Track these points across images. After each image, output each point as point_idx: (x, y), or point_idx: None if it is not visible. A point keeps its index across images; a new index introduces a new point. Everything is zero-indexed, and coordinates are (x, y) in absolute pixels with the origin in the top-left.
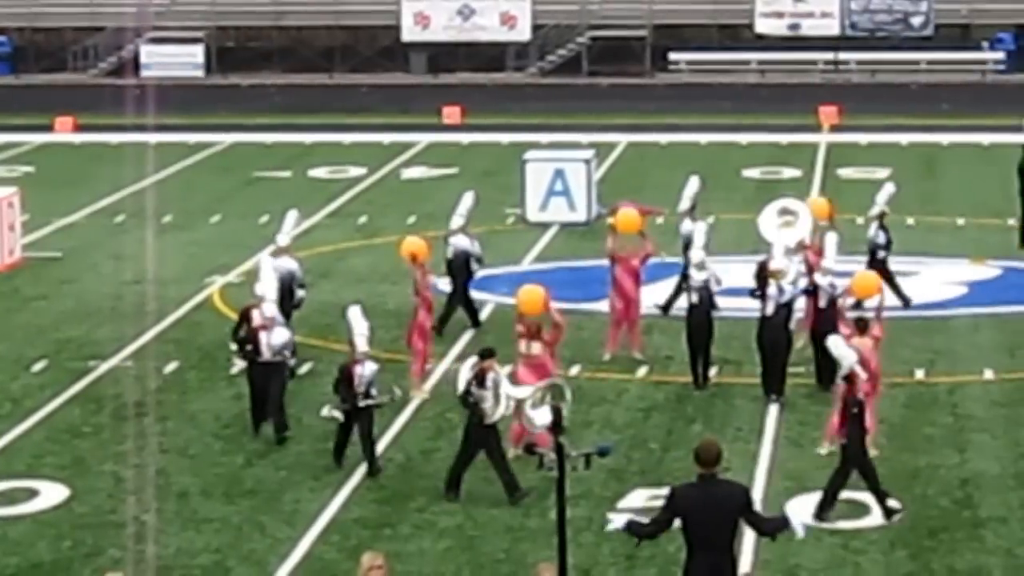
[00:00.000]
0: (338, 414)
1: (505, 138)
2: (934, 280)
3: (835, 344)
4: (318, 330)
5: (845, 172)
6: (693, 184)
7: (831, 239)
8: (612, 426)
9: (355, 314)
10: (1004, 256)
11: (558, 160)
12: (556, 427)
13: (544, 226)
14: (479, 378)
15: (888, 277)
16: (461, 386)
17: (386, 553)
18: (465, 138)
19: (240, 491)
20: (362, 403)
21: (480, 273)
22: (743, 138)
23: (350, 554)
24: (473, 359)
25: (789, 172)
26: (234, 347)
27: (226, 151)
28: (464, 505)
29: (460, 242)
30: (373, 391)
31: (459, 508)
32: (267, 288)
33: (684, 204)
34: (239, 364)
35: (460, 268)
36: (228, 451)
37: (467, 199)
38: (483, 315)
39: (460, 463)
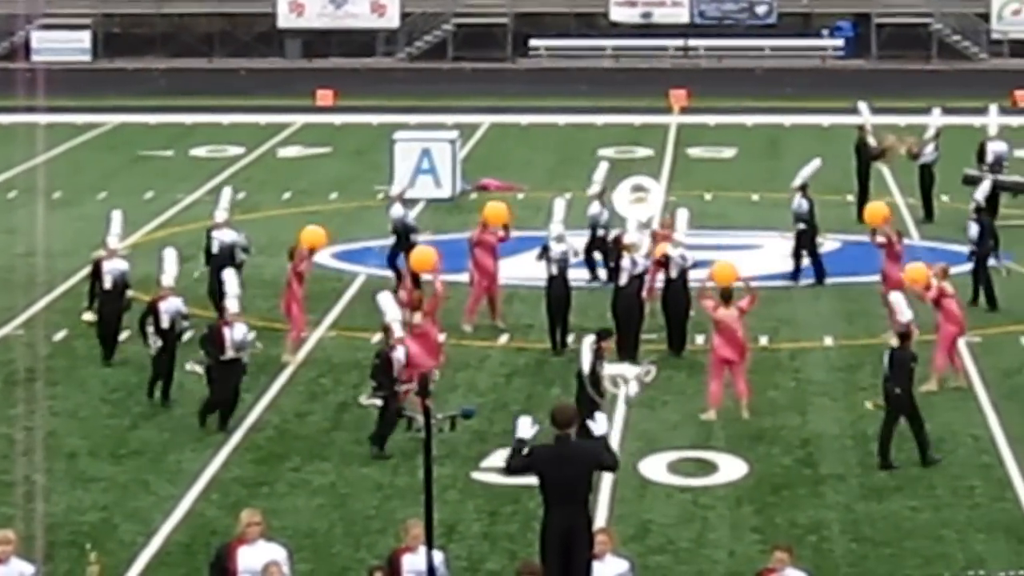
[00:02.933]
0: (199, 369)
1: (375, 119)
2: (777, 253)
3: (897, 300)
4: (200, 300)
5: (694, 151)
6: (603, 168)
7: (682, 214)
8: (476, 390)
9: (229, 276)
10: (843, 230)
11: (425, 140)
12: (423, 392)
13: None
14: (599, 356)
15: (811, 247)
16: (586, 366)
17: (263, 510)
18: (337, 119)
19: (126, 452)
20: (224, 358)
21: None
22: (599, 119)
23: (229, 511)
24: (591, 338)
25: (642, 151)
26: (151, 330)
27: (112, 131)
28: (336, 464)
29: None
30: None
31: (331, 467)
32: (169, 278)
33: (594, 188)
34: (156, 343)
35: (225, 260)
36: (115, 414)
37: (226, 193)
38: (355, 286)
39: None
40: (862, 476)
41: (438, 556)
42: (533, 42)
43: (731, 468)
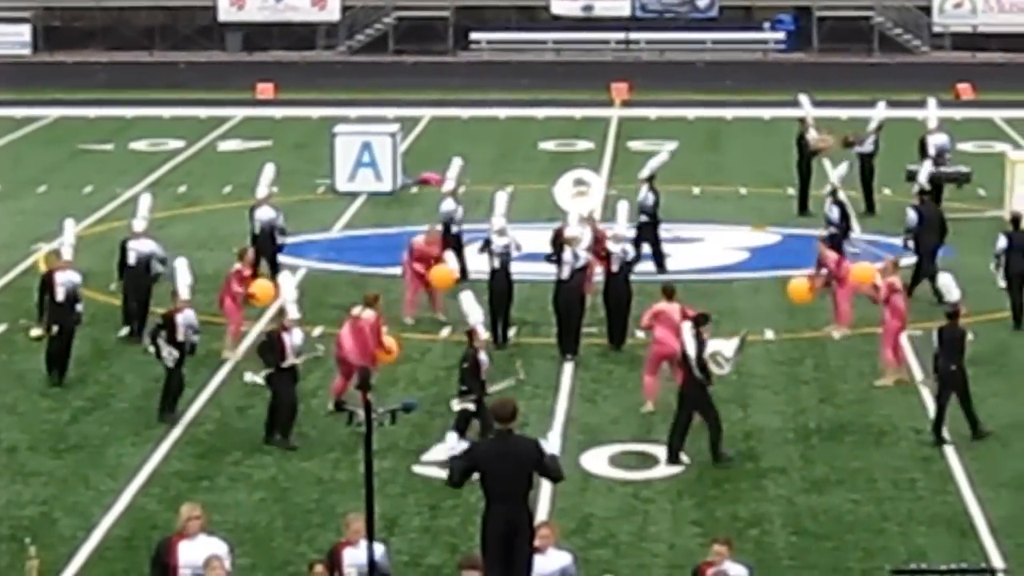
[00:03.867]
0: (259, 379)
1: (316, 113)
2: (718, 245)
3: (946, 282)
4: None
5: (635, 144)
6: (662, 155)
7: (622, 207)
8: (417, 384)
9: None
10: (784, 223)
11: (366, 133)
12: (364, 386)
13: (352, 195)
14: (701, 341)
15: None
16: (692, 351)
17: (204, 504)
18: (278, 112)
19: (66, 446)
20: (285, 364)
21: (287, 240)
22: (540, 113)
23: (170, 505)
24: (688, 324)
25: (583, 144)
26: (164, 342)
27: (52, 125)
28: (277, 458)
29: (265, 214)
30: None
31: (272, 461)
32: (185, 290)
33: (645, 172)
34: (173, 354)
35: (266, 240)
36: (54, 408)
37: (268, 170)
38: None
39: (681, 427)
40: (803, 469)
41: (379, 549)
42: (474, 35)
43: None
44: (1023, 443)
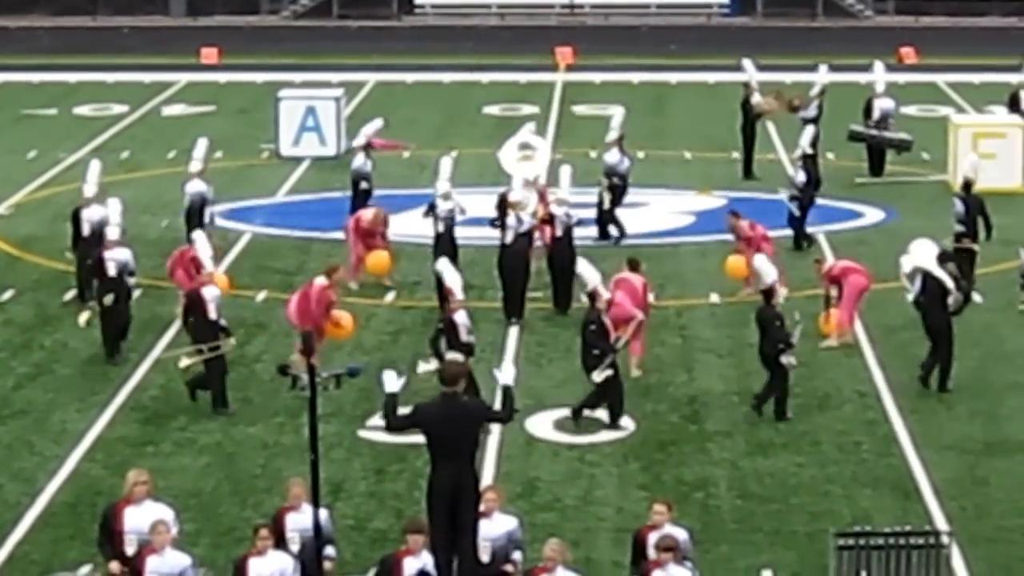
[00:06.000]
0: (433, 367)
1: (260, 77)
2: (663, 210)
3: (761, 262)
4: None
5: (580, 109)
6: (619, 114)
7: (565, 171)
8: (362, 348)
9: (445, 265)
10: (729, 187)
11: (310, 98)
12: (307, 351)
13: (297, 160)
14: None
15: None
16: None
17: (149, 469)
18: (222, 77)
19: (10, 412)
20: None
21: (217, 218)
22: (484, 77)
23: (115, 470)
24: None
25: (528, 109)
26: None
27: None
28: (222, 424)
29: (196, 187)
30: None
31: (217, 427)
32: (205, 258)
33: (612, 135)
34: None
35: (196, 214)
36: None
37: (201, 145)
38: (240, 245)
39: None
40: (748, 433)
41: (323, 514)
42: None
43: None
44: (966, 406)
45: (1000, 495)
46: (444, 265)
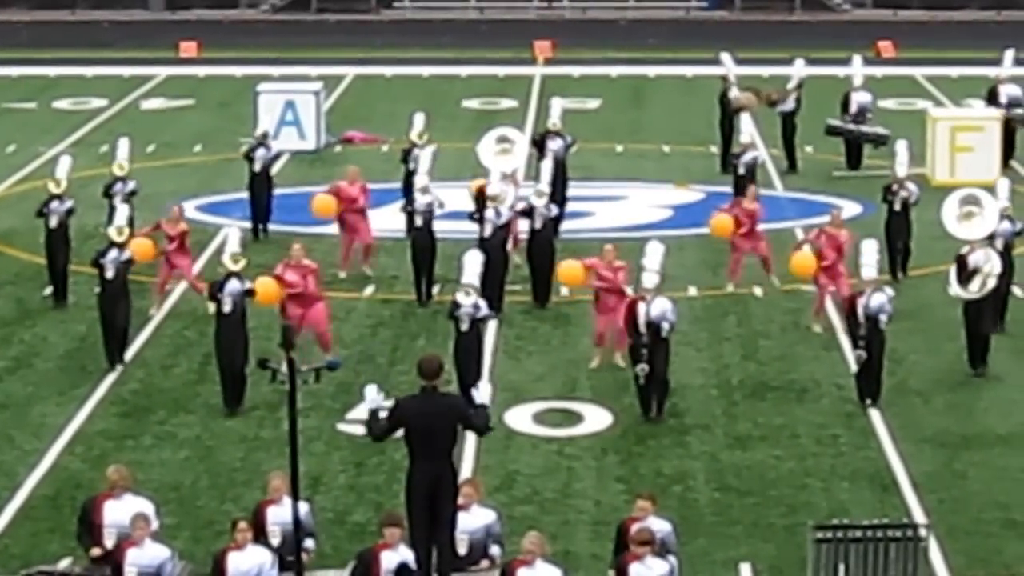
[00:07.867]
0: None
1: (239, 71)
2: (641, 203)
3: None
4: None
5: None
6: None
7: (546, 164)
8: (341, 342)
9: (472, 257)
10: (706, 180)
11: (289, 92)
12: (287, 344)
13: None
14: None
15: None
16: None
17: (128, 463)
18: (201, 71)
19: None
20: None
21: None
22: (463, 71)
23: (94, 464)
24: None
25: (506, 103)
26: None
27: None
28: (202, 417)
29: (62, 206)
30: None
31: (197, 420)
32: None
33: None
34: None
35: (61, 235)
36: None
37: (64, 162)
38: (219, 239)
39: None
40: (727, 426)
41: (303, 507)
42: None
43: (596, 419)
44: (944, 399)
45: (978, 488)
46: (471, 257)
